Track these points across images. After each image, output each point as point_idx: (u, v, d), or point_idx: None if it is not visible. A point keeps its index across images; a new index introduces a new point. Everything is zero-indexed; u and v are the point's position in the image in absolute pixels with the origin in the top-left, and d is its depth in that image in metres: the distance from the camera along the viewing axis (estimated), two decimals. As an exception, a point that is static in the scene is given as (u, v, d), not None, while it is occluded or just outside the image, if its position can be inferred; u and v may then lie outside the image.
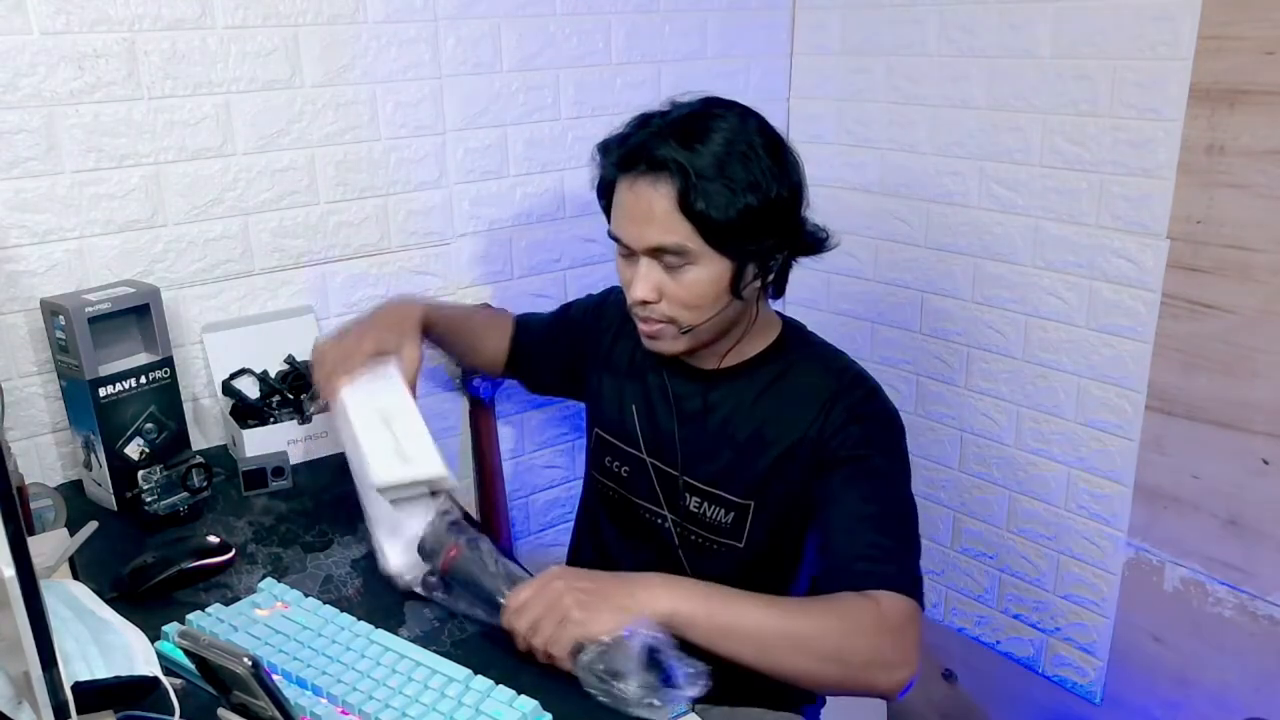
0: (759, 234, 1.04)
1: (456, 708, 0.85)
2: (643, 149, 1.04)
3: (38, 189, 1.27)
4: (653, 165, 1.03)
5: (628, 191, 1.06)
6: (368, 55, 1.47)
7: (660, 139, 1.03)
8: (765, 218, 1.03)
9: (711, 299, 1.07)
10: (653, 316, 1.09)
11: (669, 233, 1.03)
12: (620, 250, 1.11)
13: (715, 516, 1.17)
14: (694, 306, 1.07)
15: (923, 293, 1.85)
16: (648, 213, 1.04)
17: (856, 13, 1.85)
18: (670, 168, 1.02)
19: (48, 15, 1.22)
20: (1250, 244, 1.40)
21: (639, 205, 1.04)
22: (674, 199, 1.02)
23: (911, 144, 1.81)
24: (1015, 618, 1.85)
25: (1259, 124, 1.36)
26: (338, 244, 1.52)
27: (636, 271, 1.07)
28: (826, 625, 0.95)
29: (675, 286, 1.06)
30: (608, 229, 1.12)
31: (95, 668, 0.83)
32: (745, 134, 1.04)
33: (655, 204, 1.03)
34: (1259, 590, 1.48)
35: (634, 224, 1.05)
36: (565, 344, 1.37)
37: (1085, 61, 1.53)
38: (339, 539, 1.20)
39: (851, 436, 1.09)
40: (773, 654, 0.94)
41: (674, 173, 1.01)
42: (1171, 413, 1.53)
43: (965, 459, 1.85)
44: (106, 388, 1.23)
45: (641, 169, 1.04)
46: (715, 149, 1.02)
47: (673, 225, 1.03)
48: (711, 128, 1.03)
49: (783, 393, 1.15)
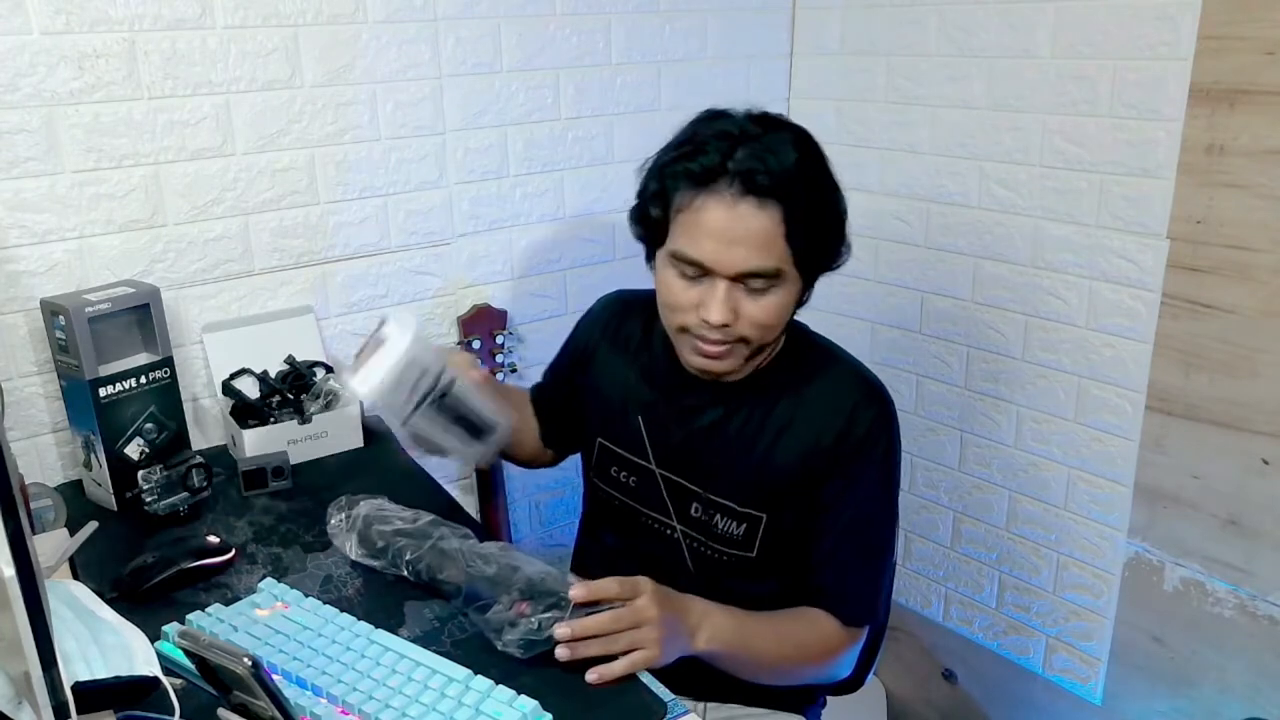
0: (833, 256, 1.08)
1: (456, 708, 0.85)
2: (750, 171, 0.99)
3: (38, 189, 1.27)
4: (758, 189, 0.98)
5: (723, 211, 1.00)
6: (368, 55, 1.47)
7: (759, 161, 0.99)
8: (840, 241, 1.08)
9: (784, 319, 1.08)
10: (725, 339, 1.06)
11: (769, 258, 1.01)
12: (685, 271, 1.04)
13: (727, 529, 1.16)
14: (769, 327, 1.06)
15: (923, 293, 1.85)
16: (747, 238, 0.99)
17: (856, 13, 1.86)
18: (784, 194, 0.99)
19: (48, 15, 1.22)
20: (1250, 244, 1.40)
21: (737, 228, 0.99)
22: (780, 225, 1.00)
23: (911, 144, 1.81)
24: (1015, 618, 1.85)
25: (1259, 124, 1.36)
26: (338, 244, 1.52)
27: (712, 294, 1.02)
28: (806, 653, 1.13)
29: (753, 308, 1.04)
30: (667, 244, 1.06)
31: (95, 668, 0.83)
32: (822, 160, 1.05)
33: (760, 230, 0.99)
34: (1259, 590, 1.48)
35: (727, 246, 1.00)
36: (577, 371, 1.31)
37: (1085, 61, 1.53)
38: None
39: (863, 449, 1.11)
40: (760, 675, 1.13)
41: (786, 199, 0.99)
42: (1171, 413, 1.53)
43: (965, 459, 1.85)
44: (106, 388, 1.23)
45: (741, 190, 0.99)
46: (811, 175, 1.02)
47: (774, 251, 1.01)
48: (799, 153, 1.02)
49: (800, 403, 1.14)
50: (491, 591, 0.99)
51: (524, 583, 0.98)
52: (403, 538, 1.09)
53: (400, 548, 1.08)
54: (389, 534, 1.10)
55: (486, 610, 0.97)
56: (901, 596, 2.04)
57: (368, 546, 1.11)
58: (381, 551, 1.10)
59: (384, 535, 1.10)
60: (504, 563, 1.02)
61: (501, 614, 0.96)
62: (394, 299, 1.60)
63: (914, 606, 2.03)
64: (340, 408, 1.42)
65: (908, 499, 1.95)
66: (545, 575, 0.99)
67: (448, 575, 1.04)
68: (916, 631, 2.04)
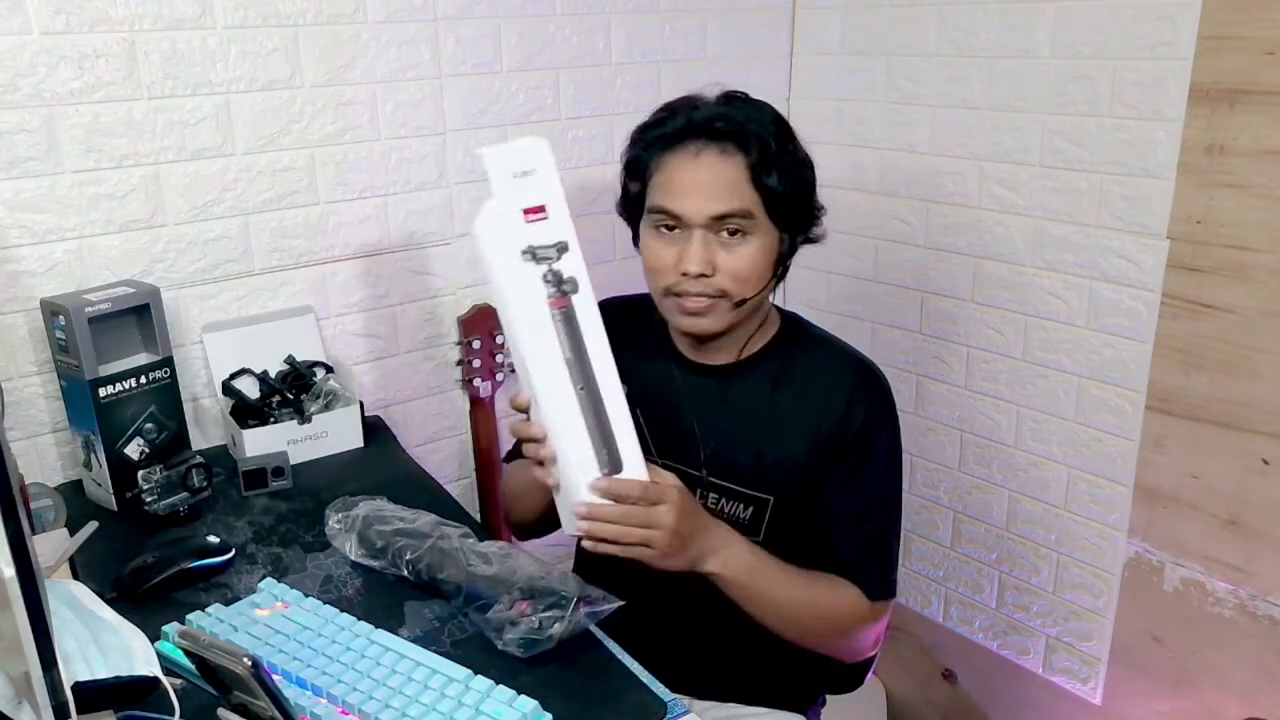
0: (803, 212, 1.12)
1: (456, 708, 0.85)
2: (710, 121, 1.06)
3: (38, 189, 1.27)
4: (721, 136, 1.05)
5: (690, 162, 1.07)
6: (368, 55, 1.47)
7: (723, 114, 1.07)
8: (809, 197, 1.12)
9: (761, 272, 1.10)
10: (705, 292, 1.08)
11: (735, 199, 1.05)
12: (660, 225, 1.09)
13: (734, 512, 1.17)
14: (746, 279, 1.08)
15: (923, 293, 1.85)
16: (712, 182, 1.05)
17: (856, 13, 1.86)
18: (744, 139, 1.05)
19: (48, 15, 1.22)
20: (1250, 244, 1.40)
21: (702, 175, 1.06)
22: (745, 169, 1.05)
23: (911, 144, 1.81)
24: (1015, 618, 1.85)
25: (1259, 124, 1.36)
26: (338, 244, 1.52)
27: (687, 247, 1.07)
28: (827, 613, 1.12)
29: (730, 259, 1.07)
30: (645, 209, 1.11)
31: (95, 668, 0.83)
32: (785, 122, 1.11)
33: (724, 173, 1.05)
34: (1259, 590, 1.48)
35: (696, 194, 1.06)
36: None
37: (1085, 61, 1.53)
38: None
39: (868, 431, 1.13)
40: (776, 623, 1.10)
41: (748, 144, 1.05)
42: (1171, 413, 1.53)
43: (965, 459, 1.85)
44: (106, 388, 1.23)
45: (705, 140, 1.06)
46: (773, 129, 1.07)
47: (742, 194, 1.06)
48: (761, 111, 1.10)
49: (798, 383, 1.16)
50: (492, 591, 0.99)
51: (524, 582, 0.98)
52: (402, 537, 1.09)
53: (400, 547, 1.08)
54: (389, 534, 1.10)
55: (487, 610, 0.97)
56: (902, 596, 2.04)
57: (367, 546, 1.11)
58: (381, 551, 1.10)
59: (384, 535, 1.10)
60: (504, 562, 1.02)
61: (502, 613, 0.96)
62: (394, 299, 1.60)
63: (914, 606, 2.03)
64: (340, 408, 1.42)
65: (908, 499, 1.95)
66: (545, 574, 1.00)
67: (448, 575, 1.04)
68: (916, 631, 2.04)
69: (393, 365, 1.63)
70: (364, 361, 1.60)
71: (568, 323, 0.93)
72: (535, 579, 0.98)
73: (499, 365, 1.69)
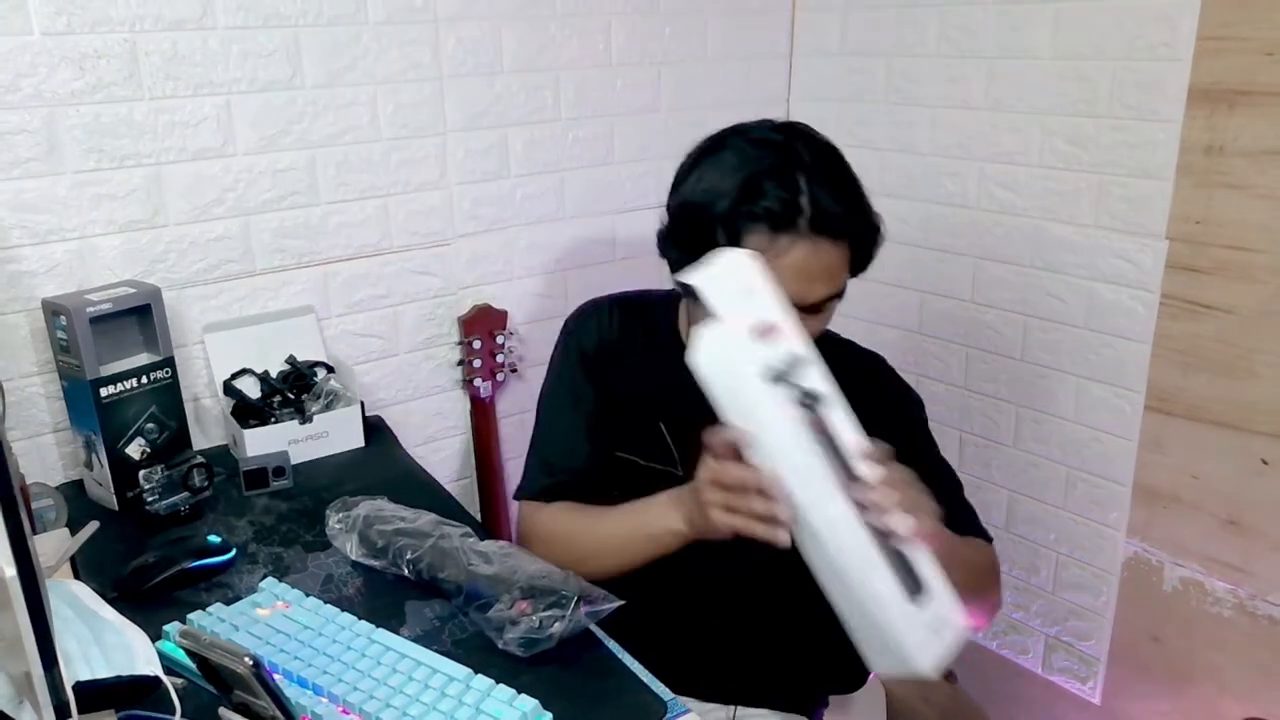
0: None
1: (457, 707, 0.86)
2: (824, 213, 1.02)
3: (39, 189, 1.27)
4: (835, 230, 1.03)
5: (805, 252, 1.02)
6: (368, 56, 1.47)
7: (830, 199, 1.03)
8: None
9: None
10: None
11: (839, 284, 1.07)
12: None
13: None
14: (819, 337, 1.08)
15: (923, 293, 1.85)
16: (825, 271, 1.04)
17: (856, 13, 1.86)
18: (851, 231, 1.05)
19: (48, 16, 1.23)
20: (1249, 244, 1.40)
21: (819, 265, 1.03)
22: (848, 253, 1.06)
23: (911, 144, 1.82)
24: (1014, 617, 1.85)
25: (1259, 124, 1.36)
26: (338, 244, 1.52)
27: None
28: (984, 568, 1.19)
29: (814, 323, 1.06)
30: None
31: (96, 667, 0.84)
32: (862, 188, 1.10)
33: (835, 261, 1.05)
34: (1258, 590, 1.49)
35: (809, 283, 1.04)
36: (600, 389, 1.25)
37: (1085, 62, 1.53)
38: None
39: (902, 409, 1.20)
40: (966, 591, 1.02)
41: (853, 235, 1.05)
42: (1171, 413, 1.54)
43: (965, 459, 1.85)
44: (108, 388, 1.23)
45: (816, 229, 1.02)
46: (863, 203, 1.08)
47: (842, 277, 1.07)
48: (849, 177, 1.08)
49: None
50: (492, 590, 0.99)
51: (525, 581, 0.98)
52: (403, 537, 1.09)
53: (400, 547, 1.09)
54: (389, 533, 1.10)
55: (487, 609, 0.97)
56: (901, 596, 2.04)
57: (368, 546, 1.11)
58: (382, 551, 1.10)
59: (384, 535, 1.11)
60: (504, 561, 1.02)
61: (502, 612, 0.96)
62: (395, 299, 1.60)
63: (914, 606, 2.03)
64: (341, 408, 1.43)
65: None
66: (546, 573, 1.00)
67: (448, 574, 1.04)
68: (916, 631, 2.03)
69: (393, 365, 1.63)
70: (365, 361, 1.60)
71: (828, 440, 0.89)
72: (536, 578, 0.99)
73: (499, 365, 1.70)
